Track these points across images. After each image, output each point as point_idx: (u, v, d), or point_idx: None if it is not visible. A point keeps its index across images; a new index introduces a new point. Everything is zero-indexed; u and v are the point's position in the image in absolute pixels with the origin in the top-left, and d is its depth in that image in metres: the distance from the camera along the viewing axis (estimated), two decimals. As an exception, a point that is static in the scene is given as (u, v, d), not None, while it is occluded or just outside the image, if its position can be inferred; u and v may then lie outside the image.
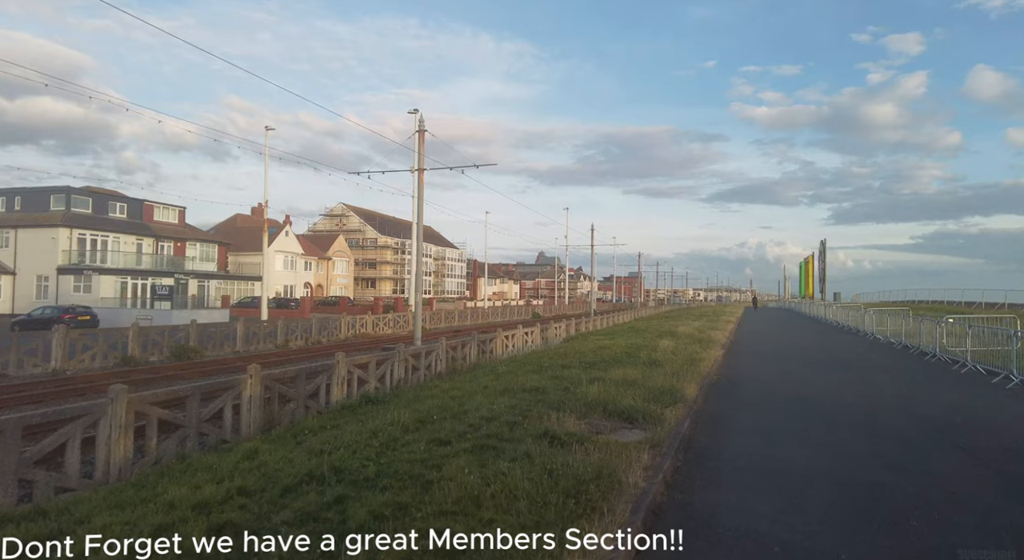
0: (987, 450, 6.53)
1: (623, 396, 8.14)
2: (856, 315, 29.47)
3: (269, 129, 35.71)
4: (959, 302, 48.55)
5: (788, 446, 6.65)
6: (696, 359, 13.29)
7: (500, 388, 9.46)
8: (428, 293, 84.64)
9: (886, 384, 11.65)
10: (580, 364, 12.59)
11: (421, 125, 22.52)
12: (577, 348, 16.31)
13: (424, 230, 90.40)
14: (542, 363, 13.09)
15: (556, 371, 11.56)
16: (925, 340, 17.59)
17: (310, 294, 65.38)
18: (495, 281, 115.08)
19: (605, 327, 30.99)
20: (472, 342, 15.46)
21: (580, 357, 13.91)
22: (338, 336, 25.54)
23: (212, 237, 53.85)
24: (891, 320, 22.39)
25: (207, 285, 48.69)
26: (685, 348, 15.45)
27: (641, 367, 11.62)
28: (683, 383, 9.49)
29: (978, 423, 8.00)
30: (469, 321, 39.31)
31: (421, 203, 22.17)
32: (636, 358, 13.16)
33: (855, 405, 9.20)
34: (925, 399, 9.91)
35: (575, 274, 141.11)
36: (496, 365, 14.00)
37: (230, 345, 20.30)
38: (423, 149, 22.50)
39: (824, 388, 11.02)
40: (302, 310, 43.22)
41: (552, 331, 23.36)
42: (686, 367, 12.01)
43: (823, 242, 72.52)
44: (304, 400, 9.20)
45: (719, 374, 12.61)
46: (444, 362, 13.79)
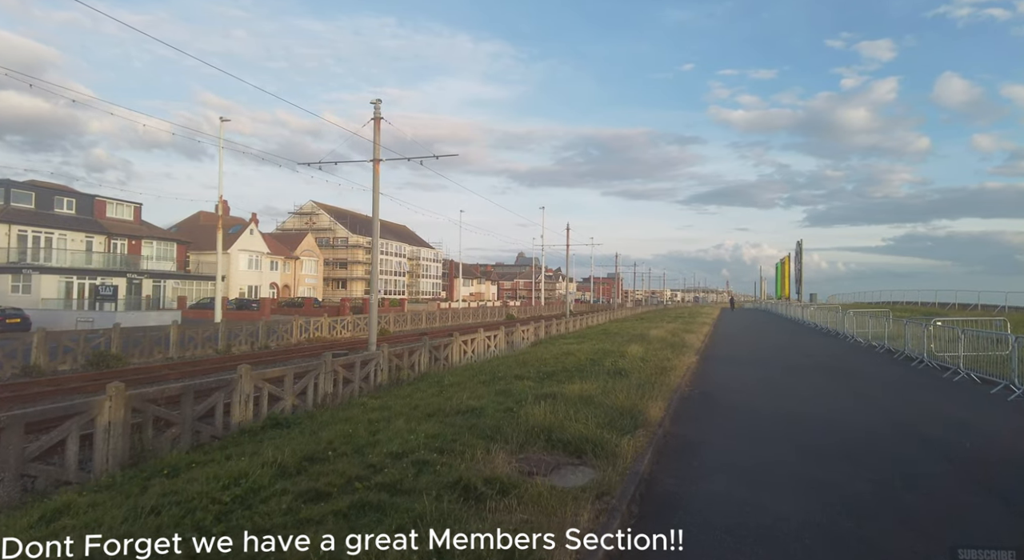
0: (1018, 491, 5.21)
1: (574, 419, 6.68)
2: (835, 317, 28.57)
3: (224, 120, 33.79)
4: (933, 303, 48.49)
5: (775, 490, 5.25)
6: (667, 368, 11.93)
7: (433, 408, 7.94)
8: (402, 294, 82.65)
9: (877, 396, 10.40)
10: (537, 374, 11.13)
11: (377, 113, 20.88)
12: (540, 354, 14.87)
13: (398, 229, 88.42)
14: (496, 373, 11.62)
15: (507, 383, 10.09)
16: (911, 344, 16.54)
17: (276, 295, 63.00)
18: (472, 282, 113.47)
19: (577, 329, 29.65)
20: (422, 349, 13.89)
21: (540, 365, 12.47)
22: (289, 340, 23.72)
23: (170, 235, 51.28)
24: (873, 322, 21.40)
25: (163, 285, 46.22)
26: (656, 354, 14.10)
27: (604, 378, 10.19)
28: (648, 400, 8.07)
29: (992, 449, 6.72)
30: (438, 323, 37.67)
31: (377, 195, 20.53)
32: (600, 366, 11.75)
33: (848, 425, 7.88)
34: (924, 416, 8.65)
35: (553, 275, 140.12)
36: (446, 375, 12.47)
37: (162, 351, 18.41)
38: (379, 138, 20.86)
39: (810, 402, 9.72)
40: (262, 311, 41.10)
41: (519, 334, 21.89)
42: (655, 377, 10.63)
43: (799, 243, 72.53)
44: (192, 424, 7.55)
45: (692, 385, 11.25)
46: (386, 372, 12.21)
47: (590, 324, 35.63)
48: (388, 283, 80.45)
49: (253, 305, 45.35)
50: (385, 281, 79.76)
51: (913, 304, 49.93)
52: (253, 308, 43.71)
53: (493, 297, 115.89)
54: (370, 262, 77.75)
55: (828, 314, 30.63)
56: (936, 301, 49.51)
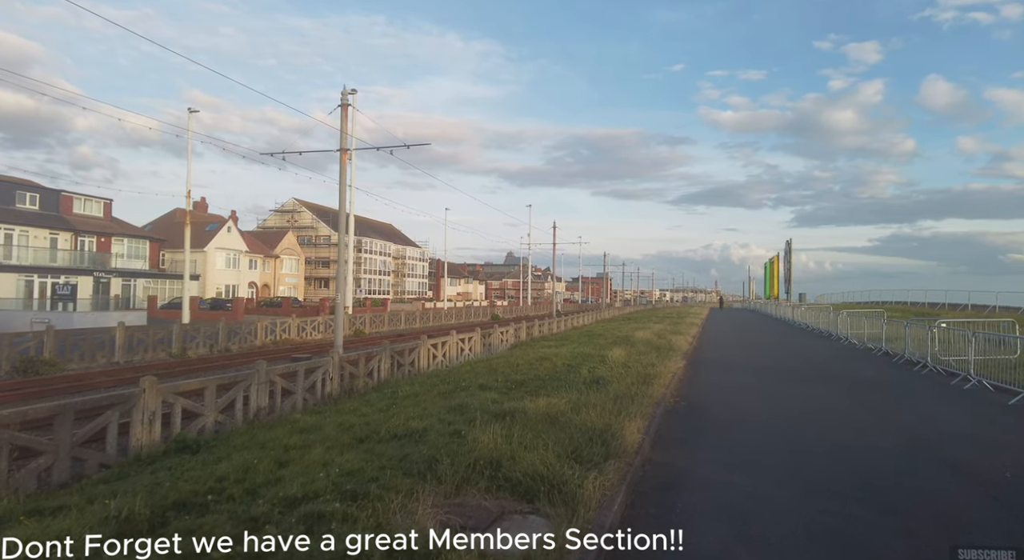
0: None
1: (532, 447, 5.40)
2: (827, 317, 27.58)
3: (192, 111, 32.31)
4: (923, 303, 47.90)
5: (783, 549, 4.00)
6: (650, 375, 10.70)
7: (369, 429, 6.64)
8: (387, 294, 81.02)
9: (886, 409, 9.23)
10: (504, 384, 9.87)
11: (344, 100, 19.50)
12: (515, 359, 13.61)
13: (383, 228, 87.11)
14: (461, 381, 10.35)
15: (468, 395, 8.82)
16: (911, 347, 15.47)
17: (255, 295, 61.26)
18: (459, 281, 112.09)
19: (561, 331, 28.43)
20: (382, 354, 12.56)
21: (511, 372, 11.22)
22: (253, 343, 22.26)
23: (143, 232, 49.42)
24: (868, 324, 20.36)
25: (133, 284, 44.41)
26: (639, 359, 12.88)
27: (578, 389, 8.94)
28: (626, 418, 6.81)
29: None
30: (419, 324, 36.29)
31: (344, 187, 19.14)
32: (577, 374, 10.50)
33: (862, 449, 6.67)
34: (946, 434, 7.48)
35: (542, 275, 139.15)
36: (406, 384, 11.17)
37: (106, 355, 16.92)
38: (346, 126, 19.48)
39: (812, 417, 8.52)
40: (235, 312, 39.46)
41: (497, 337, 20.62)
42: (636, 388, 9.40)
43: (788, 242, 71.88)
44: (71, 451, 6.19)
45: (678, 395, 10.03)
46: (336, 381, 10.86)
47: (575, 325, 34.45)
48: (372, 282, 78.85)
49: (227, 305, 43.67)
50: (369, 280, 78.16)
51: (903, 304, 49.27)
52: (227, 308, 42.04)
53: (481, 297, 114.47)
54: (355, 261, 76.18)
55: (820, 314, 29.65)
56: (926, 301, 48.91)
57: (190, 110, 31.83)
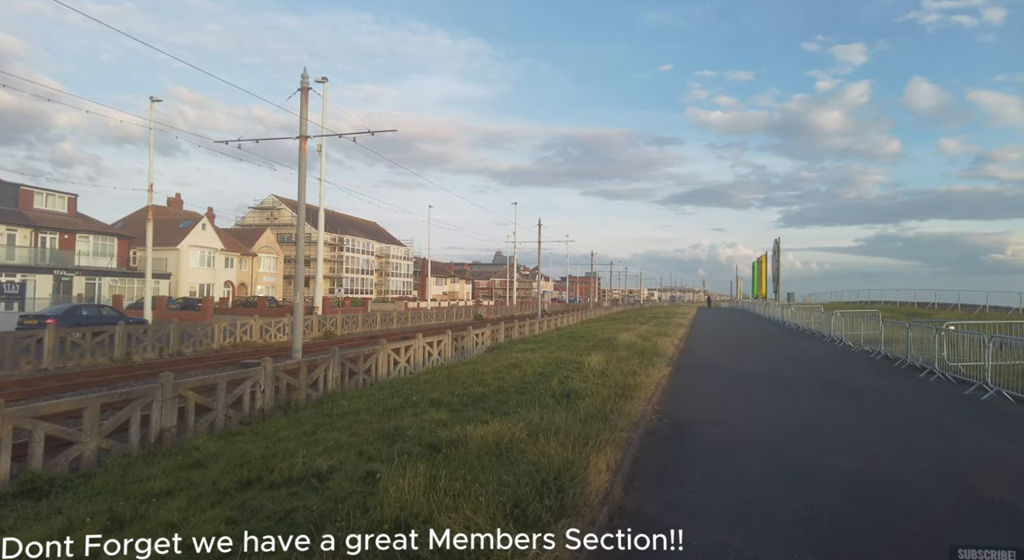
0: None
1: (463, 498, 4.01)
2: (819, 318, 26.50)
3: (155, 100, 30.55)
4: (912, 302, 47.25)
5: None
6: (630, 386, 9.35)
7: (260, 470, 5.20)
8: (370, 293, 79.28)
9: (902, 427, 7.94)
10: (461, 399, 8.49)
11: (305, 82, 18.00)
12: (483, 366, 12.25)
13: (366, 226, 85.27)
14: (413, 395, 8.97)
15: (414, 414, 7.47)
16: (914, 351, 14.30)
17: (232, 294, 59.36)
18: (446, 281, 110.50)
19: (543, 332, 27.09)
20: (330, 362, 11.11)
21: (473, 383, 9.86)
22: (209, 346, 20.65)
23: (111, 229, 47.39)
24: (865, 325, 19.22)
25: (98, 283, 42.43)
26: (620, 366, 11.53)
27: (544, 406, 7.57)
28: (594, 449, 5.45)
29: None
30: (396, 324, 34.76)
31: (303, 176, 17.64)
32: (546, 385, 9.13)
33: (885, 486, 5.35)
34: (979, 461, 6.20)
35: (530, 274, 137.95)
36: (349, 398, 9.75)
37: (32, 361, 15.27)
38: (307, 111, 17.98)
39: (818, 439, 7.21)
40: (204, 312, 37.70)
41: (471, 339, 19.22)
42: (612, 402, 8.06)
43: (777, 241, 71.15)
44: None
45: (660, 411, 8.69)
46: (269, 395, 9.40)
47: (559, 325, 33.16)
48: (354, 281, 77.10)
49: (199, 305, 41.86)
50: (351, 279, 76.40)
51: (892, 304, 48.54)
52: (198, 308, 40.25)
53: (467, 296, 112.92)
54: (336, 259, 74.43)
55: (811, 315, 28.57)
56: (915, 301, 48.25)
57: (152, 99, 30.08)
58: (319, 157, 35.28)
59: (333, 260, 74.08)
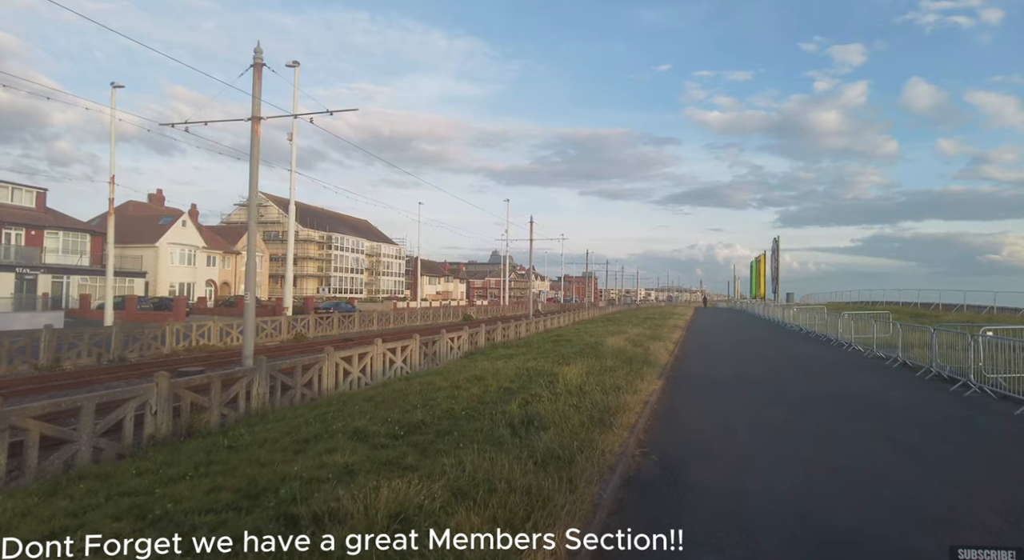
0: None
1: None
2: (823, 319, 24.76)
3: (117, 86, 28.62)
4: (915, 303, 45.69)
5: None
6: (611, 408, 7.55)
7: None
8: (360, 292, 77.34)
9: (961, 471, 6.13)
10: (394, 427, 6.70)
11: (258, 57, 16.12)
12: (442, 380, 10.48)
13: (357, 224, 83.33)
14: (334, 423, 7.17)
15: (317, 455, 5.71)
16: (940, 359, 12.55)
17: (214, 293, 57.43)
18: (439, 280, 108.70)
19: (529, 334, 25.27)
20: (255, 375, 9.26)
21: (421, 403, 8.07)
22: (159, 350, 18.78)
23: (82, 225, 45.34)
24: (878, 327, 17.47)
25: (66, 282, 40.46)
26: (603, 379, 9.73)
27: (495, 441, 5.79)
28: (542, 521, 3.63)
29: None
30: (376, 326, 32.88)
31: (255, 161, 15.78)
32: (506, 408, 7.33)
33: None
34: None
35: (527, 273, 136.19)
36: (264, 422, 7.94)
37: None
38: (260, 90, 16.11)
39: (854, 490, 5.39)
40: (175, 312, 35.79)
41: (445, 344, 17.38)
42: (586, 432, 6.28)
43: (776, 240, 69.38)
44: None
45: (646, 442, 6.89)
46: (165, 417, 7.55)
47: (549, 327, 31.38)
48: (344, 280, 75.17)
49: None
50: (340, 279, 74.47)
51: (895, 304, 46.89)
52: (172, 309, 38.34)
53: (461, 296, 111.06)
54: (323, 258, 72.51)
55: (815, 316, 26.81)
56: (919, 301, 46.65)
57: (113, 85, 28.18)
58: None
59: (321, 259, 72.14)
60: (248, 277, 15.97)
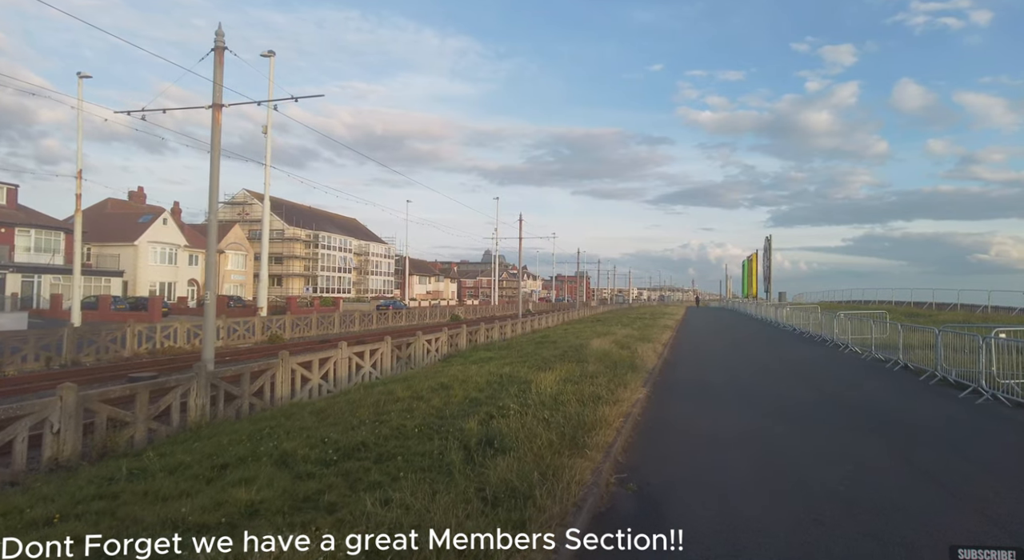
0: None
1: None
2: (818, 319, 23.95)
3: (83, 76, 27.40)
4: (908, 302, 45.19)
5: None
6: (586, 425, 6.59)
7: None
8: (348, 292, 76.09)
9: (981, 492, 5.21)
10: (323, 454, 5.74)
11: (219, 41, 15.06)
12: (404, 389, 9.52)
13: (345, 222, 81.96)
14: (265, 443, 6.21)
15: (216, 493, 4.74)
16: (945, 362, 11.71)
17: (196, 293, 56.09)
18: (430, 280, 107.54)
19: (514, 335, 24.31)
20: (192, 384, 8.23)
21: (370, 417, 7.13)
22: (119, 353, 17.66)
23: (56, 223, 43.90)
24: (876, 328, 16.63)
25: (37, 281, 39.10)
26: (582, 387, 8.77)
27: (443, 470, 4.83)
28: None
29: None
30: (358, 326, 31.79)
31: (216, 152, 14.73)
32: (465, 422, 6.35)
33: None
34: None
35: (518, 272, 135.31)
36: (199, 439, 6.93)
37: None
38: (221, 76, 15.04)
39: (872, 527, 4.45)
40: (151, 312, 34.56)
41: (420, 346, 16.38)
42: (553, 457, 5.31)
43: (768, 238, 68.73)
44: None
45: (623, 466, 5.93)
46: (71, 437, 6.52)
47: (536, 327, 30.44)
48: (331, 280, 73.90)
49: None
50: (327, 278, 73.20)
51: (887, 303, 46.35)
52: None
53: (452, 296, 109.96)
54: (310, 257, 71.18)
55: (809, 316, 26.01)
56: (911, 300, 46.16)
57: (79, 75, 26.95)
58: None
59: (308, 257, 70.81)
60: (208, 274, 14.90)
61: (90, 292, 42.54)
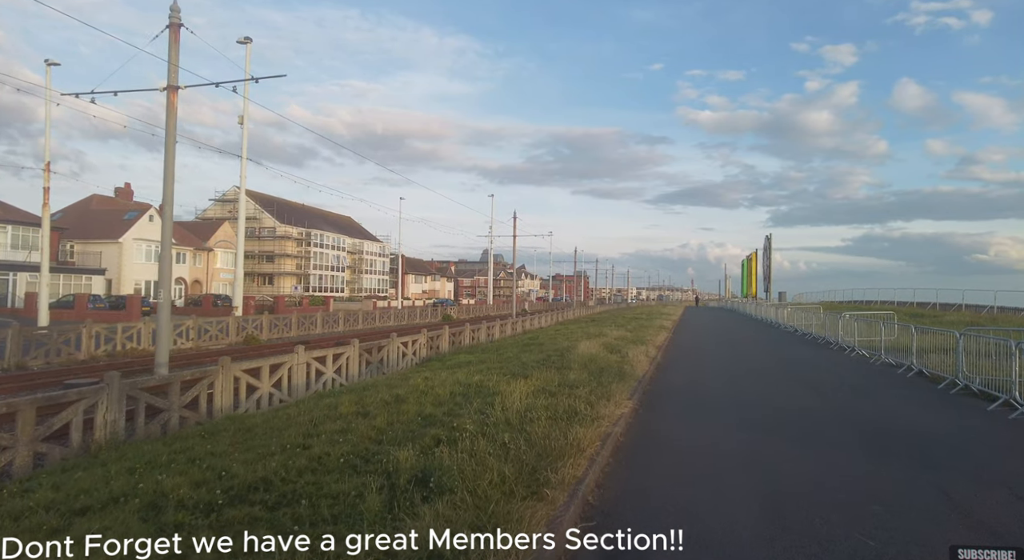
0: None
1: None
2: (821, 320, 22.77)
3: (51, 64, 26.19)
4: (911, 302, 44.10)
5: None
6: (554, 450, 5.39)
7: None
8: (341, 290, 74.85)
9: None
10: (206, 498, 4.69)
11: (175, 17, 13.84)
12: (350, 403, 8.34)
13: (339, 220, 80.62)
14: (142, 482, 4.98)
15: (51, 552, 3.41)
16: (967, 369, 10.53)
17: (184, 291, 54.87)
18: (426, 279, 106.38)
19: (502, 336, 23.11)
20: (100, 395, 7.03)
21: (295, 440, 6.02)
22: (73, 356, 16.46)
23: (35, 219, 42.59)
24: (885, 330, 15.44)
25: (11, 279, 37.85)
26: (557, 400, 7.56)
27: (360, 519, 3.60)
28: None
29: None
30: (343, 326, 30.59)
31: (171, 139, 13.52)
32: (397, 458, 5.14)
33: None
34: None
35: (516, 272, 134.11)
36: (88, 467, 5.73)
37: None
38: (177, 55, 13.83)
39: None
40: (129, 312, 33.38)
41: (396, 349, 15.18)
42: (505, 497, 4.12)
43: (768, 237, 67.58)
44: None
45: (594, 508, 4.73)
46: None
47: (528, 327, 29.26)
48: (324, 279, 72.65)
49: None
50: (320, 276, 71.95)
51: (889, 304, 45.27)
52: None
53: (448, 295, 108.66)
54: (302, 255, 69.90)
55: (811, 316, 24.83)
56: (914, 300, 45.07)
57: (47, 62, 25.71)
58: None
59: (300, 256, 69.54)
60: (162, 269, 13.71)
61: (70, 290, 41.30)
